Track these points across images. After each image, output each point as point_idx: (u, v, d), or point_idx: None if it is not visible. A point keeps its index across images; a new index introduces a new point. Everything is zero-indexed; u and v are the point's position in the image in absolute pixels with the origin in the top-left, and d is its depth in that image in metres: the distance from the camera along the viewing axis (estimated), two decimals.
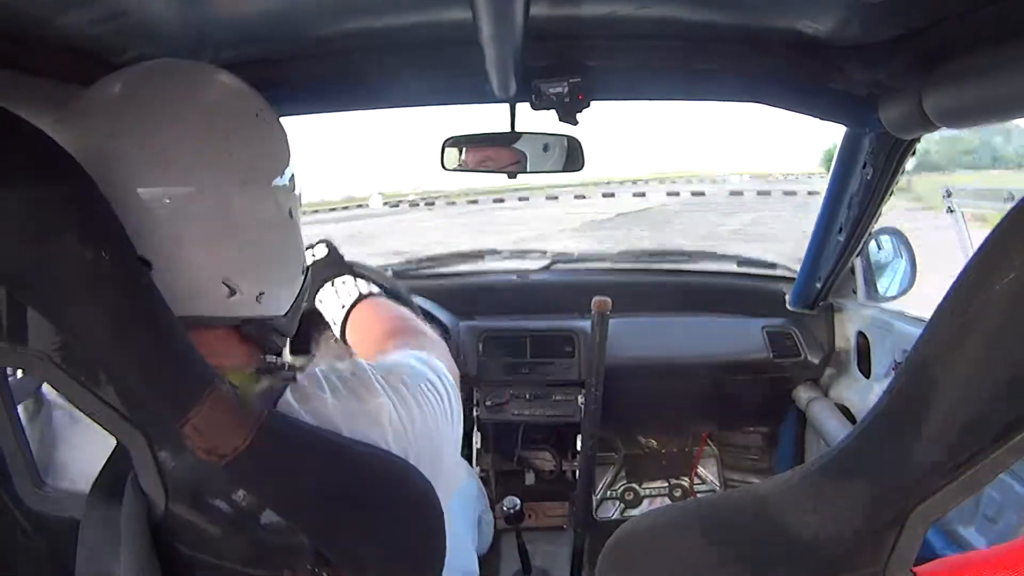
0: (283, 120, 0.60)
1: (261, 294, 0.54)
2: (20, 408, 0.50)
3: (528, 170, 1.13)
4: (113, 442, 0.46)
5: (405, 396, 0.54)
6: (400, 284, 1.13)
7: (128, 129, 0.49)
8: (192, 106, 0.51)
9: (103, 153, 0.47)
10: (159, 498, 0.45)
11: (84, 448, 0.50)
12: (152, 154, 0.48)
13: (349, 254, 0.89)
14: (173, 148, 0.49)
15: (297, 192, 0.59)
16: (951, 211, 1.43)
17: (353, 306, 0.82)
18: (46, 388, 0.53)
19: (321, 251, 0.87)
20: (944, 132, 0.91)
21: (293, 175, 0.58)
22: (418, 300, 1.44)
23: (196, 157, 0.49)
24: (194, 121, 0.50)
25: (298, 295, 0.61)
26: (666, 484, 1.88)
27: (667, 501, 1.87)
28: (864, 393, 1.44)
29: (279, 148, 0.57)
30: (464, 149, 1.15)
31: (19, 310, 0.43)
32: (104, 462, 0.48)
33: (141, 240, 0.47)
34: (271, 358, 0.58)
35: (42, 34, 0.71)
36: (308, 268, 0.64)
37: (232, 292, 0.52)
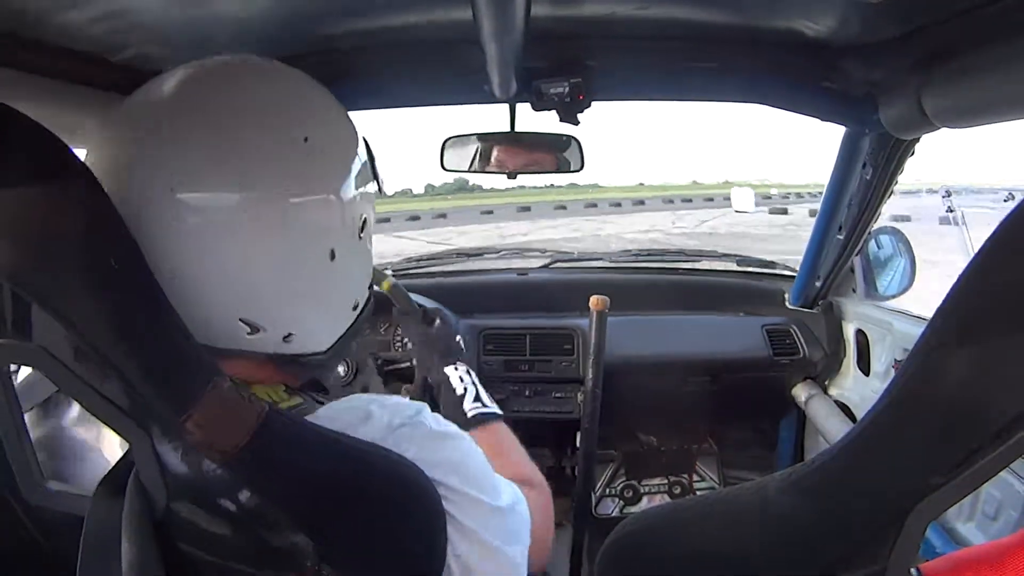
0: None
1: (289, 335, 0.51)
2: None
3: (532, 171, 1.14)
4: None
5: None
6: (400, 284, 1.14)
7: (131, 138, 0.47)
8: (204, 113, 0.48)
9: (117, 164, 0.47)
10: (160, 495, 0.45)
11: (102, 448, 0.51)
12: (158, 172, 0.45)
13: None
14: (183, 162, 0.46)
15: (357, 222, 0.53)
16: (951, 211, 1.43)
17: (482, 422, 0.79)
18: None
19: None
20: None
21: (355, 201, 0.52)
22: (417, 298, 1.44)
23: (201, 176, 0.46)
24: (201, 129, 0.47)
25: (345, 332, 0.57)
26: (666, 481, 1.88)
27: (667, 498, 1.87)
28: (863, 391, 1.45)
29: (320, 169, 0.50)
30: (466, 149, 1.15)
31: (23, 307, 0.43)
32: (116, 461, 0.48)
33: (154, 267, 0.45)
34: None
35: (42, 32, 0.71)
36: (363, 308, 0.58)
37: (254, 330, 0.49)
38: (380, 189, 0.60)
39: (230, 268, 0.47)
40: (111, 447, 0.47)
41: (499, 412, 0.81)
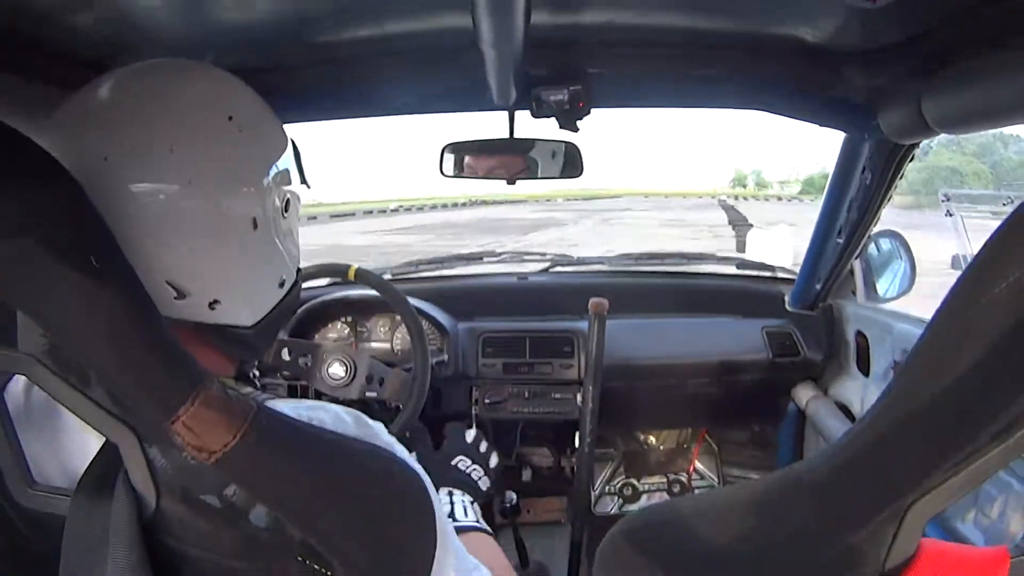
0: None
1: (215, 302, 0.52)
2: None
3: (530, 177, 1.14)
4: (94, 439, 0.47)
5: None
6: (397, 288, 1.14)
7: (77, 131, 0.50)
8: (137, 107, 0.50)
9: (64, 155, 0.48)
10: (150, 495, 0.45)
11: (62, 445, 0.51)
12: (91, 155, 0.48)
13: None
14: (111, 149, 0.48)
15: (279, 200, 0.56)
16: (950, 215, 1.43)
17: (467, 530, 0.81)
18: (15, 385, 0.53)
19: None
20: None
21: (278, 181, 0.56)
22: (417, 302, 1.45)
23: (137, 158, 0.49)
24: (138, 122, 0.50)
25: (272, 311, 0.58)
26: (664, 480, 1.89)
27: (665, 497, 1.88)
28: (863, 392, 1.45)
29: (252, 150, 0.54)
30: (464, 156, 1.16)
31: (7, 313, 0.44)
32: (89, 461, 0.48)
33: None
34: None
35: (38, 39, 0.71)
36: (290, 289, 0.60)
37: (180, 295, 0.51)
38: (304, 181, 0.65)
39: (160, 237, 0.49)
40: (73, 436, 0.48)
41: (485, 528, 0.83)
